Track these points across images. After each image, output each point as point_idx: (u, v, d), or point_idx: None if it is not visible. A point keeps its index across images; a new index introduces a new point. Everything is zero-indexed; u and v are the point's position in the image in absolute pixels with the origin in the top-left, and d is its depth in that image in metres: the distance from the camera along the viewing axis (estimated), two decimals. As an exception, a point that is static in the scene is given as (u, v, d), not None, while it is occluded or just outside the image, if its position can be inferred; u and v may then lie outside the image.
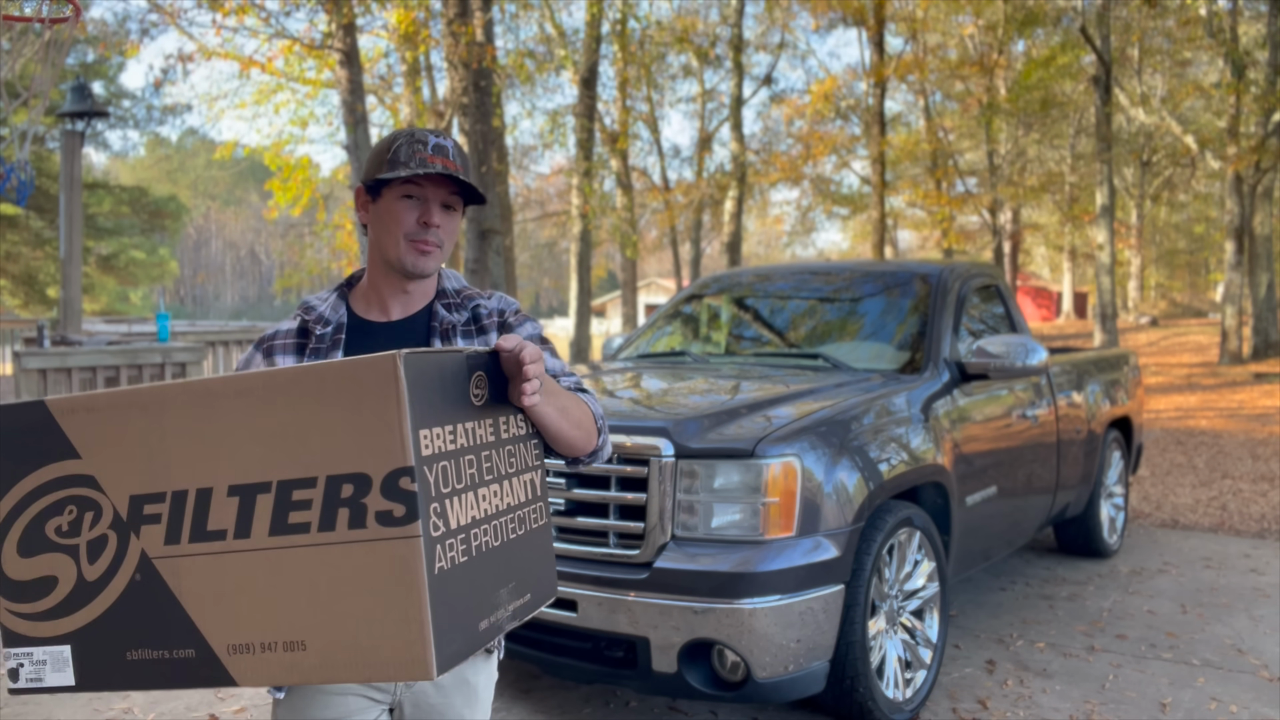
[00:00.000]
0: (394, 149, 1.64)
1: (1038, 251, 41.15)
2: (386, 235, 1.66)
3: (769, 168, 23.76)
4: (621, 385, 3.98)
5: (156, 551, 1.29)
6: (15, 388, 5.69)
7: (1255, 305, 17.78)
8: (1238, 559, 5.56)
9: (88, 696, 3.57)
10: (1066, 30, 19.60)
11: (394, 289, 1.70)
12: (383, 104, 17.59)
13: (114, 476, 1.31)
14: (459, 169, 1.65)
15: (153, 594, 1.30)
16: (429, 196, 1.65)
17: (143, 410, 1.29)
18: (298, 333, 1.70)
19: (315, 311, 1.70)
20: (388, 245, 1.66)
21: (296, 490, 1.23)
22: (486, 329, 1.75)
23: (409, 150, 1.63)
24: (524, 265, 34.94)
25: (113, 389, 1.36)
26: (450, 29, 10.91)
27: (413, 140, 1.64)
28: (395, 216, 1.65)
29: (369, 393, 1.20)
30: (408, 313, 1.72)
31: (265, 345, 1.69)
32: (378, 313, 1.72)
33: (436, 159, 1.62)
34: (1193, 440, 10.38)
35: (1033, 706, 3.46)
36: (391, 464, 1.20)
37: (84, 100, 8.43)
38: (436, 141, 1.65)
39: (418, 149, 1.63)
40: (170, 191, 39.47)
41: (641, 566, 2.95)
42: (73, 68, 21.56)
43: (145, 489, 1.30)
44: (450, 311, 1.74)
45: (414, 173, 1.59)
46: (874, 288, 4.58)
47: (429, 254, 1.66)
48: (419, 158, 1.62)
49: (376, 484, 1.20)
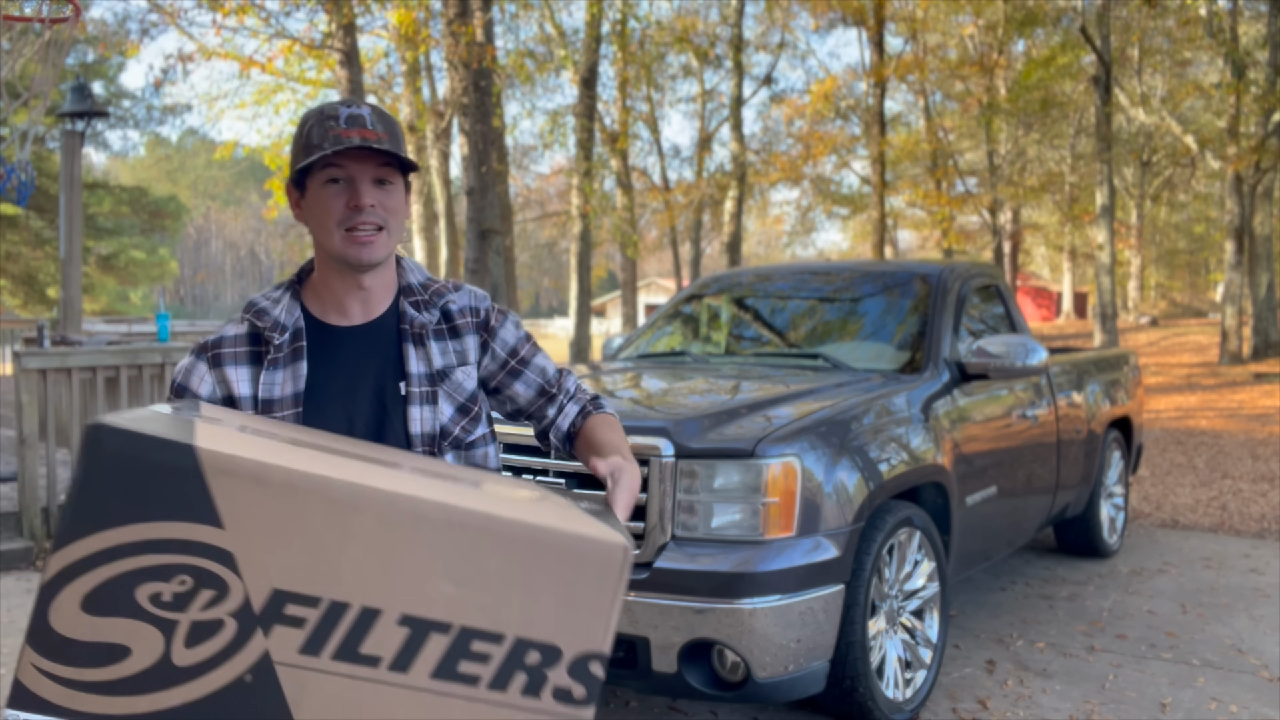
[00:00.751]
0: (306, 133, 1.47)
1: (1038, 251, 41.15)
2: (321, 229, 1.49)
3: (769, 168, 23.77)
4: (621, 385, 3.98)
5: (285, 657, 1.12)
6: (15, 387, 5.69)
7: (1255, 305, 17.78)
8: (1238, 559, 5.56)
9: (88, 696, 3.57)
10: (1066, 30, 19.61)
11: (349, 287, 1.53)
12: (383, 104, 17.59)
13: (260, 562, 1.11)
14: (380, 136, 1.46)
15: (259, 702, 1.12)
16: (354, 175, 1.46)
17: (329, 505, 1.11)
18: (249, 339, 1.53)
19: (269, 317, 1.52)
20: (325, 240, 1.49)
21: (478, 641, 1.13)
22: (461, 330, 1.62)
23: (320, 130, 1.45)
24: (524, 265, 34.96)
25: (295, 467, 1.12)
26: (450, 29, 10.91)
27: (323, 118, 1.47)
28: (324, 206, 1.48)
29: (589, 572, 1.13)
30: (371, 314, 1.57)
31: (211, 354, 1.52)
32: (337, 315, 1.56)
33: (352, 131, 1.44)
34: (1193, 440, 10.38)
35: (1033, 706, 3.46)
36: (587, 646, 1.13)
37: (84, 100, 8.43)
38: (350, 112, 1.46)
39: (329, 126, 1.45)
40: (170, 191, 39.48)
41: (641, 566, 2.95)
42: (73, 68, 21.56)
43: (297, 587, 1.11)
44: (419, 310, 1.59)
45: (325, 153, 1.42)
46: (874, 288, 4.58)
47: (370, 242, 1.47)
48: (332, 135, 1.44)
49: (565, 660, 1.13)
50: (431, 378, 1.56)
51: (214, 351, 1.52)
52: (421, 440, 1.55)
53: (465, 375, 1.60)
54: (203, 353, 1.53)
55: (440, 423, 1.56)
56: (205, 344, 1.54)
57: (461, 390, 1.60)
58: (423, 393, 1.55)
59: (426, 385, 1.56)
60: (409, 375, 1.54)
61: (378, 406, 1.54)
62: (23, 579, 5.15)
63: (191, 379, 1.50)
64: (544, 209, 30.81)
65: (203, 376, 1.50)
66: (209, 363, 1.51)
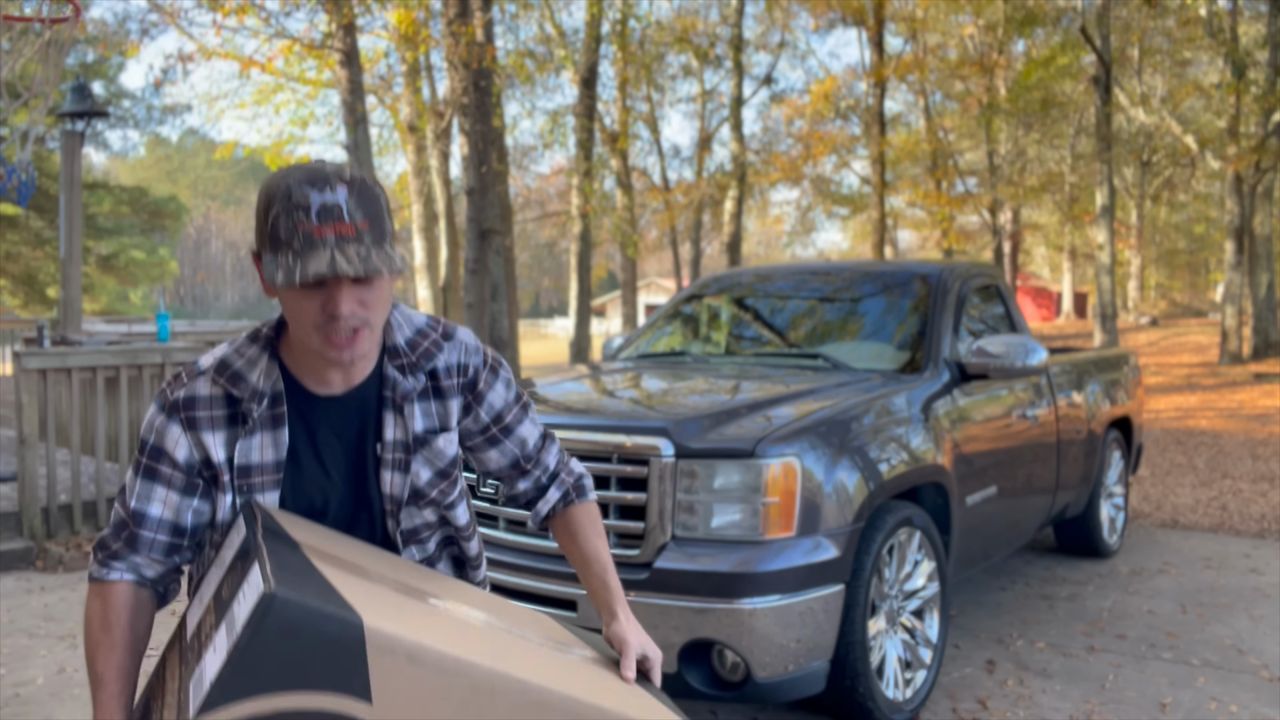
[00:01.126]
0: (271, 219, 1.27)
1: (1038, 251, 41.15)
2: (294, 323, 1.35)
3: (769, 168, 23.78)
4: (621, 385, 3.99)
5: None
6: (15, 387, 5.69)
7: (1255, 305, 17.78)
8: (1238, 559, 5.56)
9: (88, 696, 3.57)
10: (1066, 30, 19.60)
11: (329, 363, 1.40)
12: (383, 104, 17.60)
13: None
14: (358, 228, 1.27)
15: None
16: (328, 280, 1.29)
17: (472, 689, 1.15)
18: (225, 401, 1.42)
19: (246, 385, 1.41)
20: (299, 334, 1.36)
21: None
22: (446, 392, 1.52)
23: (288, 222, 1.26)
24: (524, 265, 34.96)
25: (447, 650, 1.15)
26: (450, 29, 10.92)
27: (290, 205, 1.26)
28: (295, 306, 1.32)
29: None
30: (352, 382, 1.46)
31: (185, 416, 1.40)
32: (316, 383, 1.45)
33: (326, 228, 1.25)
34: (1193, 440, 10.38)
35: (1033, 706, 3.46)
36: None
37: (84, 100, 8.43)
38: (322, 201, 1.26)
39: (299, 219, 1.25)
40: (170, 191, 39.47)
41: (641, 566, 2.95)
42: (73, 68, 21.57)
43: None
44: (404, 374, 1.48)
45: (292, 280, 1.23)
46: (874, 288, 4.58)
47: (349, 344, 1.33)
48: (302, 232, 1.25)
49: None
50: (408, 445, 1.50)
51: (187, 414, 1.40)
52: (390, 500, 1.51)
53: (446, 442, 1.54)
54: (174, 412, 1.41)
55: (415, 486, 1.52)
56: (176, 402, 1.41)
57: (441, 457, 1.54)
58: (396, 459, 1.49)
59: (401, 453, 1.50)
60: (384, 442, 1.48)
61: (355, 470, 1.49)
62: (23, 579, 5.15)
63: (166, 441, 1.40)
64: (544, 209, 30.80)
65: (177, 440, 1.40)
66: (183, 425, 1.40)
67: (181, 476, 1.42)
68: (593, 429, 3.15)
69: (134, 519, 1.42)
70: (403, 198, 19.87)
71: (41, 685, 3.68)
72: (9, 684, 3.69)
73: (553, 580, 3.05)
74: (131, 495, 1.43)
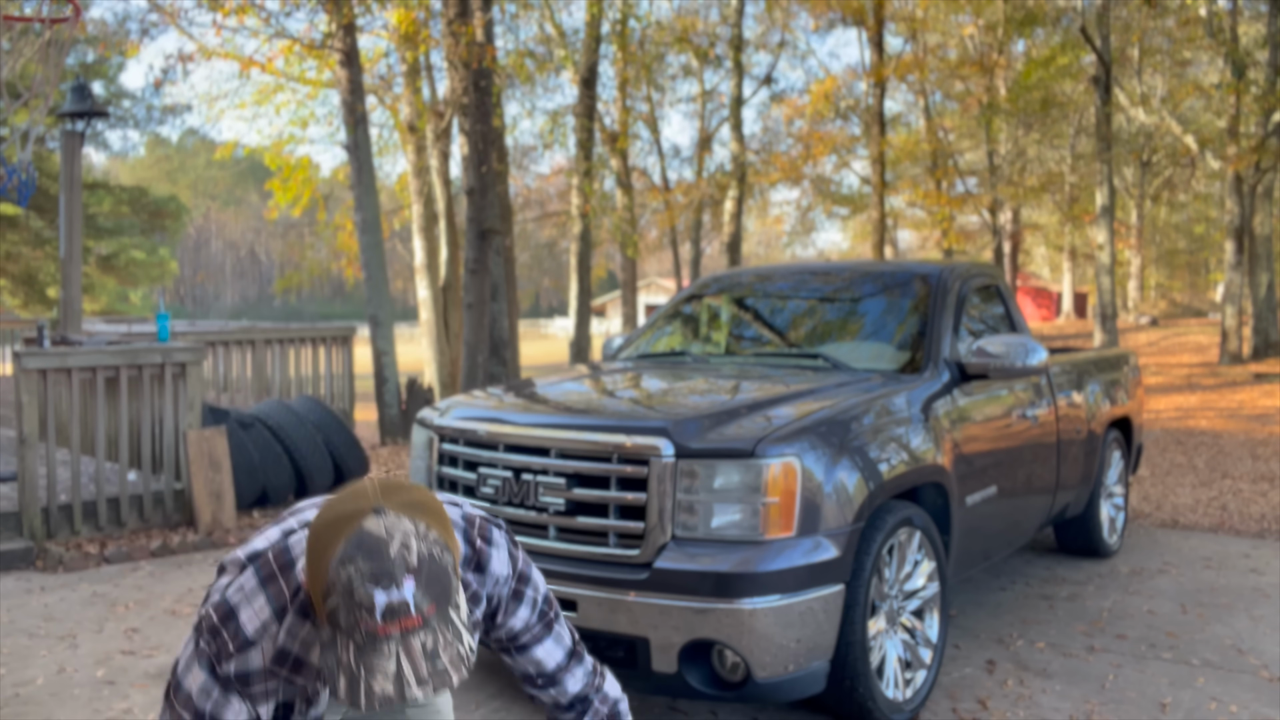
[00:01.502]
0: (330, 607, 1.21)
1: (1038, 251, 41.14)
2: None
3: (769, 168, 23.76)
4: (621, 385, 3.99)
5: None
6: (15, 387, 5.69)
7: (1255, 305, 17.77)
8: (1238, 559, 5.56)
9: (88, 696, 3.57)
10: (1066, 30, 19.60)
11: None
12: (383, 104, 17.59)
13: None
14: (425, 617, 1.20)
15: None
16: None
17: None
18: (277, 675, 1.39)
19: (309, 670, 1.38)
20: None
21: None
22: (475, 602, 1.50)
23: (349, 618, 1.18)
24: (524, 265, 34.95)
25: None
26: (450, 29, 10.91)
27: (352, 604, 1.18)
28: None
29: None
30: None
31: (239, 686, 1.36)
32: None
33: (392, 626, 1.17)
34: (1193, 440, 10.38)
35: (1033, 706, 3.46)
36: None
37: (84, 100, 8.43)
38: (387, 602, 1.17)
39: (361, 618, 1.17)
40: (170, 191, 39.44)
41: (641, 566, 2.95)
42: (73, 68, 21.56)
43: None
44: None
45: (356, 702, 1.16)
46: (874, 288, 4.58)
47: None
48: (364, 629, 1.17)
49: None
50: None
51: (242, 686, 1.36)
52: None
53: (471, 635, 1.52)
54: (229, 686, 1.35)
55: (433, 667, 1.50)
56: (229, 677, 1.34)
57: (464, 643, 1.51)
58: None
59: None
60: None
61: None
62: (23, 579, 5.15)
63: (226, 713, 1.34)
64: (544, 209, 30.79)
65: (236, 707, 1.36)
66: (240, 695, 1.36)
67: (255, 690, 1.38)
68: (593, 429, 3.15)
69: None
70: (403, 198, 19.86)
71: (41, 685, 3.68)
72: (9, 684, 3.69)
73: (553, 580, 3.05)
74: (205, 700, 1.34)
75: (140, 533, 5.98)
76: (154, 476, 6.27)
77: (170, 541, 5.74)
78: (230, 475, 6.18)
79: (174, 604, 4.73)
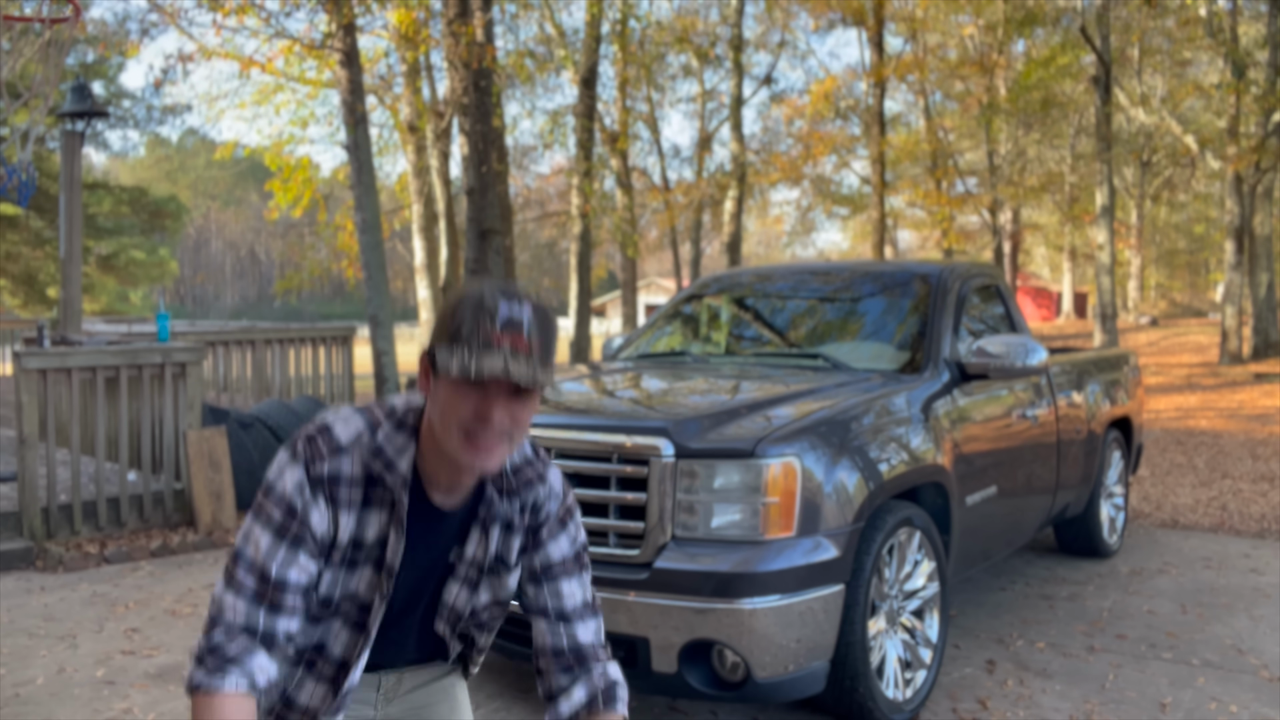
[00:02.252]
0: (457, 316, 1.34)
1: (1038, 251, 41.16)
2: (440, 421, 1.38)
3: (769, 168, 23.78)
4: (621, 385, 3.99)
5: None
6: (15, 387, 5.69)
7: (1255, 305, 17.78)
8: (1238, 559, 5.56)
9: (88, 696, 3.57)
10: (1066, 30, 19.60)
11: (450, 473, 1.44)
12: (383, 104, 17.60)
13: None
14: (531, 350, 1.33)
15: None
16: (490, 384, 1.35)
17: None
18: (364, 481, 1.43)
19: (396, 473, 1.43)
20: (441, 433, 1.38)
21: None
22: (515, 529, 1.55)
23: (472, 325, 1.32)
24: (524, 265, 34.96)
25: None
26: (450, 29, 10.91)
27: (479, 308, 1.33)
28: (450, 402, 1.36)
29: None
30: (455, 495, 1.48)
31: (328, 488, 1.41)
32: (433, 487, 1.47)
33: (505, 337, 1.31)
34: (1193, 440, 10.38)
35: (1033, 706, 3.46)
36: None
37: (84, 100, 8.43)
38: (508, 313, 1.33)
39: (483, 324, 1.32)
40: (170, 191, 39.45)
41: (641, 566, 2.95)
42: (73, 68, 21.57)
43: None
44: (501, 498, 1.52)
45: (464, 366, 1.29)
46: (874, 288, 4.58)
47: (490, 451, 1.36)
48: (482, 334, 1.31)
49: None
50: (482, 567, 1.54)
51: (331, 488, 1.41)
52: (450, 613, 1.54)
53: (512, 578, 1.57)
54: (319, 486, 1.41)
55: (474, 606, 1.56)
56: (321, 477, 1.41)
57: (504, 589, 1.57)
58: (469, 576, 1.53)
59: (475, 572, 1.54)
60: (464, 557, 1.52)
61: (426, 574, 1.52)
62: (23, 579, 5.15)
63: (312, 514, 1.40)
64: (544, 209, 30.80)
65: (323, 513, 1.41)
66: (327, 499, 1.41)
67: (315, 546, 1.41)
68: (593, 429, 3.15)
69: (276, 586, 1.38)
70: (403, 198, 19.86)
71: (41, 685, 3.68)
72: (9, 684, 3.69)
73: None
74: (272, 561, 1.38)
75: (140, 533, 5.98)
76: (154, 476, 6.27)
77: (170, 541, 5.75)
78: (230, 475, 6.18)
79: (174, 604, 4.73)
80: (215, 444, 6.17)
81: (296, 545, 1.39)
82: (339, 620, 1.47)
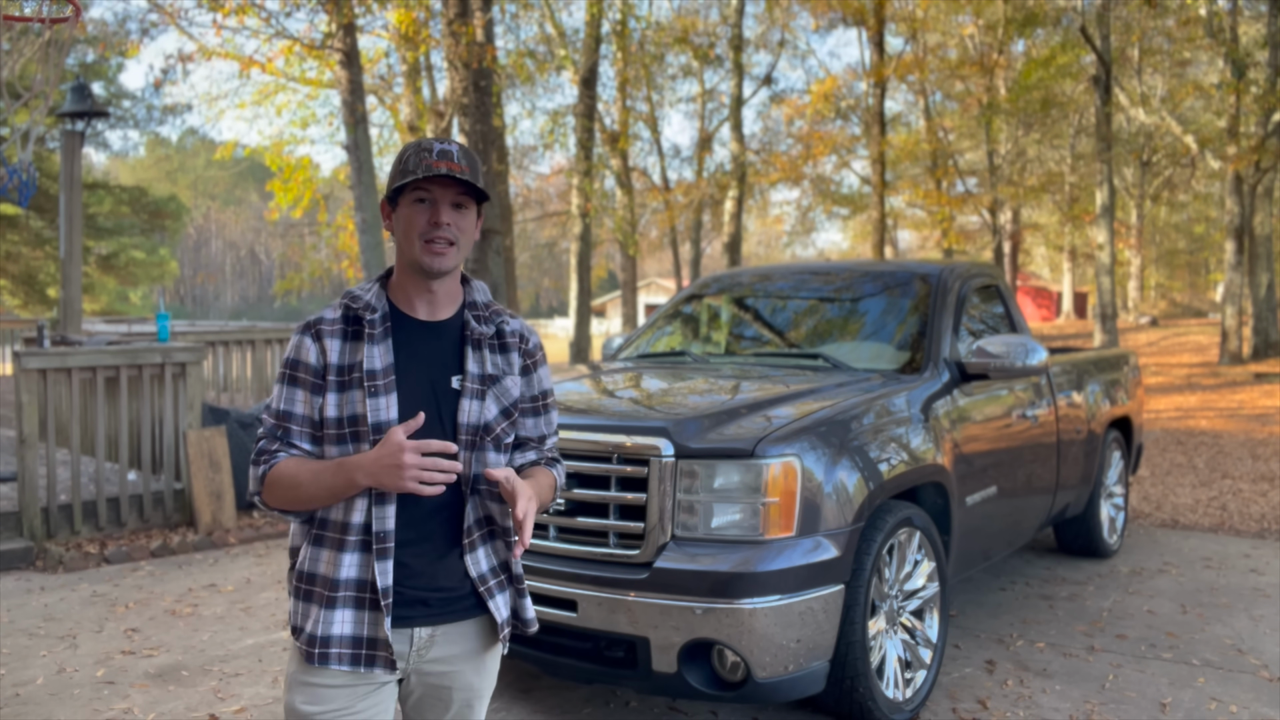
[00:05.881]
0: (404, 160, 1.79)
1: (1038, 251, 41.14)
2: (404, 238, 1.80)
3: (769, 168, 23.76)
4: (621, 385, 3.99)
5: None
6: (15, 387, 5.69)
7: (1255, 305, 17.77)
8: (1238, 559, 5.56)
9: (88, 696, 3.57)
10: (1066, 30, 19.60)
11: (420, 289, 1.82)
12: (383, 104, 17.59)
13: None
14: (463, 169, 1.77)
15: None
16: (438, 198, 1.78)
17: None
18: (343, 320, 1.82)
19: (362, 300, 1.81)
20: (406, 247, 1.80)
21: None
22: (509, 348, 1.90)
23: (416, 159, 1.77)
24: (524, 265, 34.93)
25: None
26: (450, 29, 10.91)
27: (419, 149, 1.79)
28: (409, 220, 1.79)
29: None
30: (436, 315, 1.84)
31: (314, 329, 1.81)
32: (410, 307, 1.84)
33: (441, 163, 1.75)
34: (1193, 440, 10.38)
35: (1033, 706, 3.46)
36: None
37: (84, 100, 8.43)
38: (441, 147, 1.78)
39: (424, 156, 1.77)
40: (170, 191, 39.45)
41: (641, 566, 2.95)
42: (73, 68, 21.56)
43: None
44: (479, 323, 1.87)
45: (416, 177, 1.74)
46: (874, 288, 4.58)
47: (443, 253, 1.77)
48: (425, 164, 1.76)
49: None
50: (483, 379, 1.83)
51: (316, 328, 1.80)
52: (466, 429, 1.79)
53: (513, 384, 1.88)
54: (307, 330, 1.81)
55: (486, 419, 1.81)
56: (309, 323, 1.82)
57: (508, 395, 1.86)
58: (474, 389, 1.81)
59: (478, 384, 1.82)
60: (466, 373, 1.82)
61: (431, 395, 1.80)
62: (23, 579, 5.15)
63: (301, 353, 1.79)
64: (544, 209, 30.79)
65: (309, 349, 1.78)
66: (312, 337, 1.79)
67: (312, 380, 1.77)
68: (593, 429, 3.15)
69: (282, 418, 1.79)
70: (403, 198, 19.77)
71: (41, 685, 3.68)
72: (9, 684, 3.69)
73: (553, 580, 3.05)
74: (280, 402, 1.80)
75: (140, 533, 5.98)
76: (154, 476, 6.27)
77: (170, 541, 5.74)
78: (230, 475, 6.18)
79: (174, 604, 4.73)
80: (215, 444, 6.17)
81: (294, 385, 1.78)
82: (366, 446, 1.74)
